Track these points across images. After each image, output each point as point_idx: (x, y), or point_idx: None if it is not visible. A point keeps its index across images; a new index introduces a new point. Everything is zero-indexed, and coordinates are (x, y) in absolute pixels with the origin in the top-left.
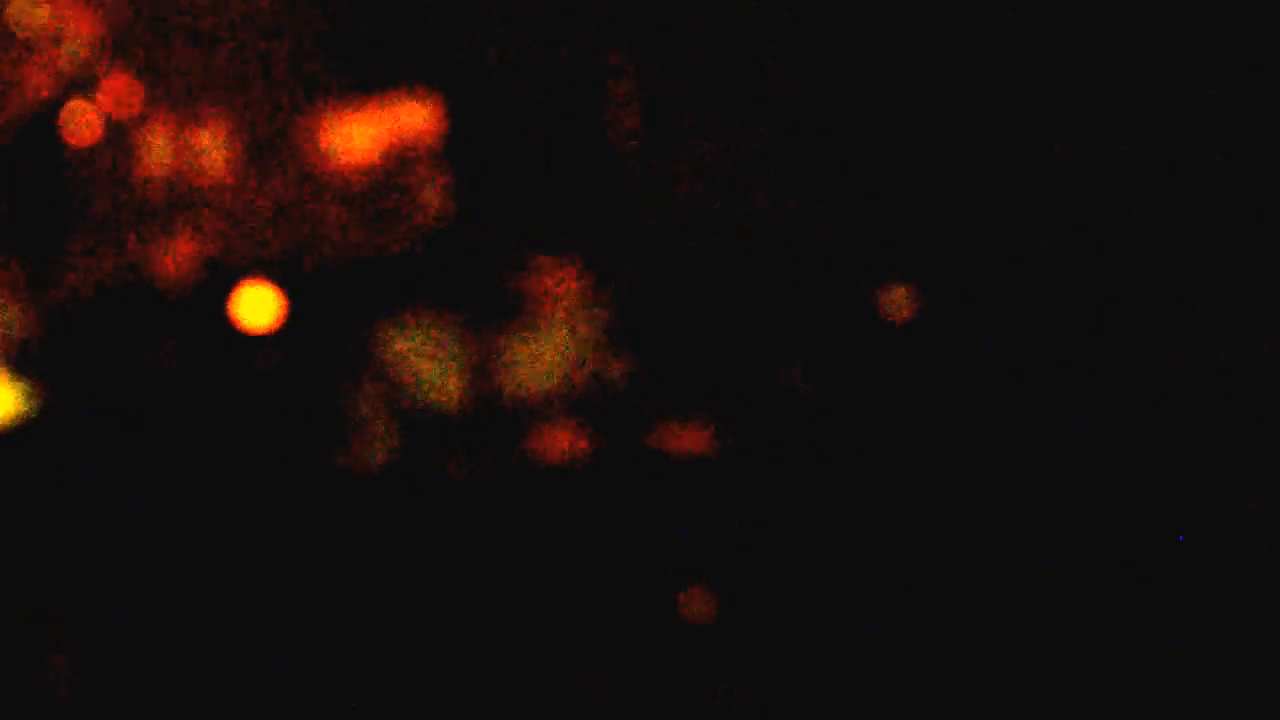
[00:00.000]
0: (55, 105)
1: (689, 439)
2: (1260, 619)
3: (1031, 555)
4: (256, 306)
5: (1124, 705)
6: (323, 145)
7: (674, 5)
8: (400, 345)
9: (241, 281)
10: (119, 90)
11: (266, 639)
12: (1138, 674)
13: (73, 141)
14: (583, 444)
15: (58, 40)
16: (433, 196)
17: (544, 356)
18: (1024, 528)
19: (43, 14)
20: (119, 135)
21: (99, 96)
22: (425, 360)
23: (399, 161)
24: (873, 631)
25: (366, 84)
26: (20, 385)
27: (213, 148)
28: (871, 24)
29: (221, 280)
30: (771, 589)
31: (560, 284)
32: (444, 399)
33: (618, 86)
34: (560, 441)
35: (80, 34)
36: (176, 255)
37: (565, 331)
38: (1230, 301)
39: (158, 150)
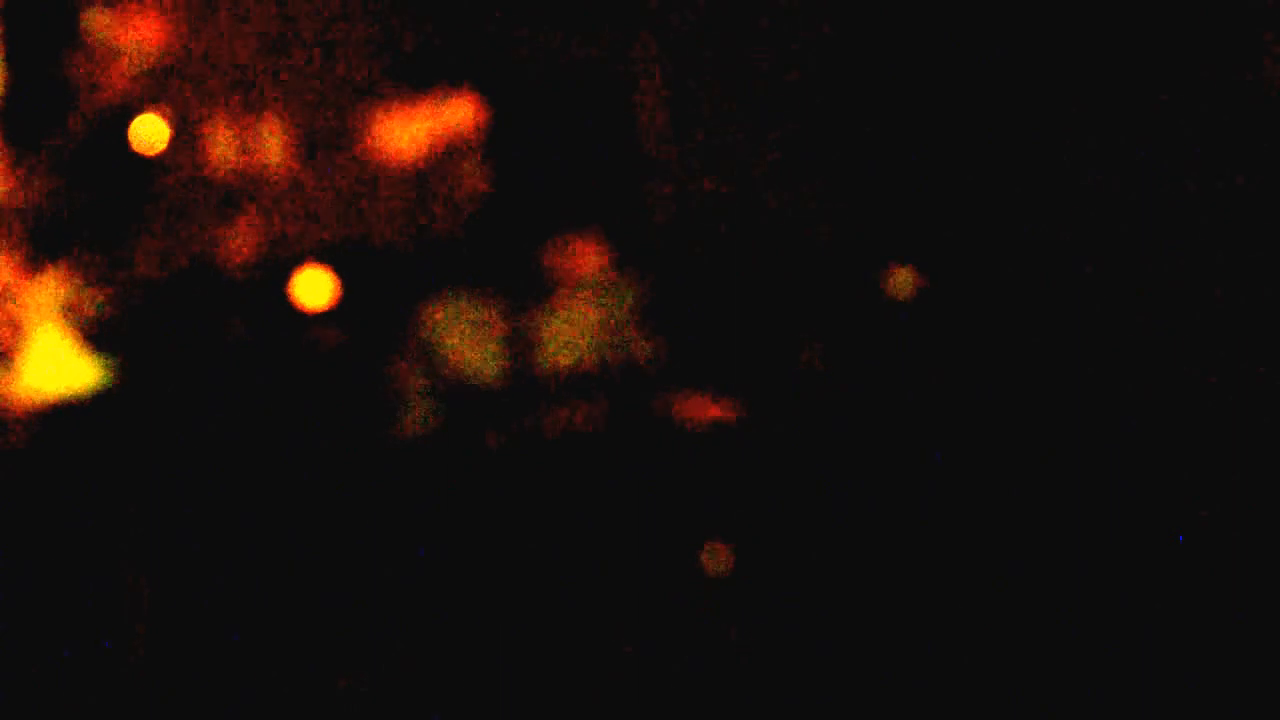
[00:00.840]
0: (127, 108)
1: (709, 411)
2: (1260, 619)
3: (1031, 542)
4: (313, 287)
5: (1124, 705)
6: (375, 140)
7: (696, 11)
8: (442, 322)
9: (300, 264)
10: (186, 92)
11: (317, 594)
12: (1138, 673)
13: (144, 151)
14: (607, 415)
15: (129, 47)
16: (473, 187)
17: (573, 333)
18: (1024, 518)
19: (115, 23)
20: (188, 132)
21: (168, 99)
22: (465, 336)
23: (444, 155)
24: (873, 626)
25: (415, 84)
26: (99, 361)
27: (274, 143)
28: (879, 24)
29: (282, 263)
30: (785, 579)
31: (589, 267)
32: (482, 372)
33: (644, 86)
34: (587, 412)
35: (150, 41)
36: (241, 241)
37: (593, 310)
38: (1230, 301)
39: (223, 145)
